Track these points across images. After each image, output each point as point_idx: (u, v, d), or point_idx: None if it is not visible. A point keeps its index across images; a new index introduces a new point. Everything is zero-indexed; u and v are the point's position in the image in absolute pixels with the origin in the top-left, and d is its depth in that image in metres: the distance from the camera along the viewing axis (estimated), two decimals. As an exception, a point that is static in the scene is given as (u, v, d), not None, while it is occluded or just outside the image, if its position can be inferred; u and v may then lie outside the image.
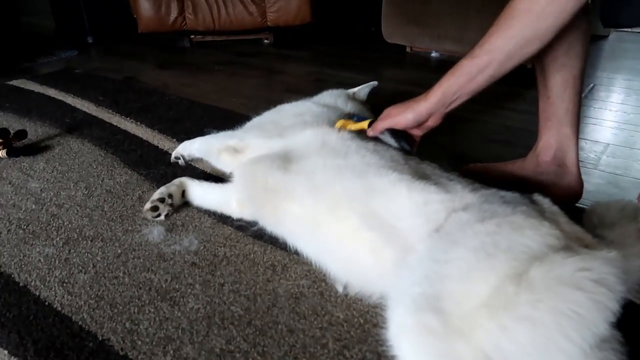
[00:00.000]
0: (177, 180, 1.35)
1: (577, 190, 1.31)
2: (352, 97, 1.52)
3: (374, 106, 1.59)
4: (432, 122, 1.12)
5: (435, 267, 0.80)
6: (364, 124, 1.16)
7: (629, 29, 3.50)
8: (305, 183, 1.03)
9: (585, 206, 1.20)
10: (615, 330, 0.74)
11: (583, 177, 1.33)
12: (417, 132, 1.15)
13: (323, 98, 1.48)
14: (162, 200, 1.27)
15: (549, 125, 1.32)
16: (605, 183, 1.49)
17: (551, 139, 1.32)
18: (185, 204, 1.34)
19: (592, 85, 2.42)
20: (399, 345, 0.76)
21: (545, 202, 0.92)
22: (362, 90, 1.57)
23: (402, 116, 1.10)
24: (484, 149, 1.70)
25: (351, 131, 1.16)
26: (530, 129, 1.43)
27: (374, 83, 1.60)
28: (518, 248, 0.76)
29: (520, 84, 2.38)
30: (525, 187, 1.32)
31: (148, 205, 1.27)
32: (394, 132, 1.13)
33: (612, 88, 2.46)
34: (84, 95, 2.20)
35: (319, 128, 1.15)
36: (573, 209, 1.25)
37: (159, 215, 1.26)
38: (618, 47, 3.24)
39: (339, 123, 1.18)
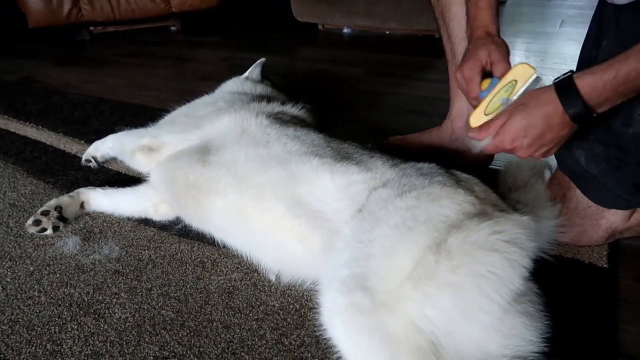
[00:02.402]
0: (75, 192, 1.26)
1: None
2: (254, 80, 1.48)
3: (292, 85, 1.58)
4: None
5: (361, 248, 0.81)
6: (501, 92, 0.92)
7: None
8: (227, 175, 1.00)
9: (499, 167, 1.26)
10: (531, 283, 0.80)
11: (494, 140, 1.39)
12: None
13: (228, 87, 1.44)
14: (45, 213, 1.18)
15: (459, 91, 1.36)
16: (514, 143, 1.58)
17: (463, 104, 1.36)
18: (101, 209, 1.26)
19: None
20: (332, 328, 0.77)
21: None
22: (253, 71, 1.52)
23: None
24: (402, 121, 1.74)
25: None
26: (443, 98, 1.47)
27: (263, 60, 1.57)
28: (437, 218, 0.79)
29: (431, 54, 2.46)
30: (442, 156, 1.38)
31: (30, 220, 1.18)
32: None
33: (514, 51, 2.57)
34: (-27, 102, 2.01)
35: (237, 113, 1.11)
36: (488, 172, 1.32)
37: (44, 229, 1.17)
38: (516, 12, 3.41)
39: (472, 119, 0.94)
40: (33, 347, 0.88)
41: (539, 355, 0.75)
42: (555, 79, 0.83)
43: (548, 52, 2.53)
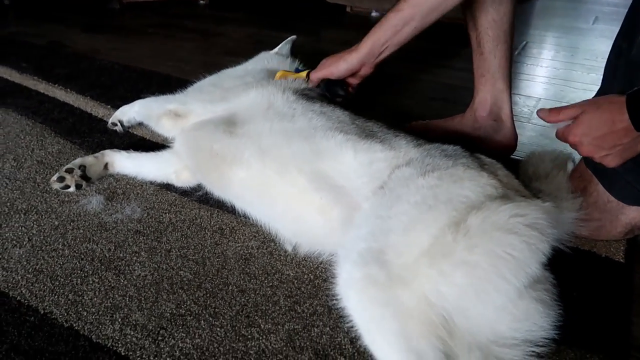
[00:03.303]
0: (100, 153, 1.28)
1: (512, 143, 1.37)
2: (283, 57, 1.49)
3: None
4: (364, 71, 1.22)
5: (380, 223, 0.82)
6: (302, 74, 1.23)
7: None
8: (252, 147, 1.01)
9: (520, 158, 1.25)
10: (547, 273, 0.80)
11: (518, 130, 1.39)
12: (353, 81, 1.26)
13: (257, 61, 1.45)
14: (70, 171, 1.21)
15: (483, 81, 1.36)
16: (538, 135, 1.57)
17: (487, 94, 1.36)
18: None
19: (524, 42, 2.51)
20: (346, 298, 0.78)
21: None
22: (283, 47, 1.53)
23: (335, 66, 1.20)
24: (425, 107, 1.74)
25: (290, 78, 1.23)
26: (468, 87, 1.46)
27: (293, 37, 1.58)
28: (457, 199, 0.79)
29: (457, 42, 2.43)
30: (464, 142, 1.37)
31: (54, 176, 1.21)
32: (330, 82, 1.22)
33: (543, 45, 2.56)
34: (4, 62, 2.04)
35: (264, 88, 1.12)
36: (509, 161, 1.32)
37: (67, 186, 1.20)
38: (549, 6, 3.35)
39: (279, 74, 1.22)
40: (56, 296, 0.91)
41: (549, 342, 0.76)
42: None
43: (579, 48, 2.49)
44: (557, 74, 2.13)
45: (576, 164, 1.11)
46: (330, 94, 1.22)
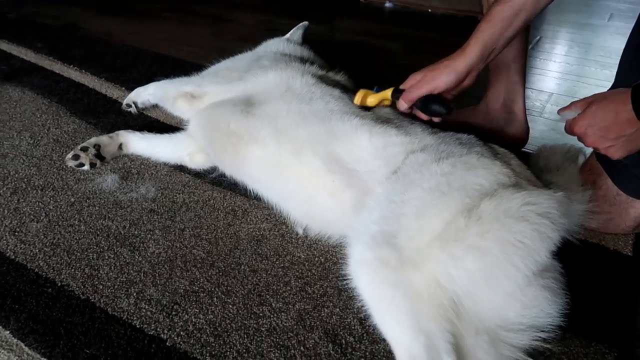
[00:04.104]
0: (115, 133, 1.30)
1: (524, 136, 1.38)
2: (295, 42, 1.50)
3: (329, 56, 1.58)
4: (468, 81, 1.04)
5: (392, 207, 0.83)
6: (386, 93, 1.06)
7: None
8: (268, 127, 1.02)
9: (531, 151, 1.26)
10: (556, 262, 0.81)
11: (530, 124, 1.40)
12: (448, 96, 1.07)
13: (270, 46, 1.45)
14: (84, 149, 1.23)
15: (497, 73, 1.36)
16: (549, 130, 1.57)
17: (500, 86, 1.36)
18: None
19: (538, 37, 2.50)
20: (357, 278, 0.80)
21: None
22: (294, 33, 1.53)
23: (441, 79, 1.01)
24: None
25: (372, 106, 1.07)
26: (480, 80, 1.45)
27: (305, 24, 1.57)
28: (471, 186, 0.80)
29: (469, 34, 2.43)
30: (476, 134, 1.38)
31: (70, 154, 1.23)
32: (427, 99, 1.03)
33: (556, 41, 2.55)
34: (20, 42, 2.06)
35: (283, 71, 1.13)
36: (520, 154, 1.32)
37: (82, 164, 1.22)
38: (563, 2, 3.32)
39: (359, 94, 1.05)
40: (72, 270, 0.94)
41: (556, 328, 0.77)
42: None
43: (592, 45, 2.47)
44: (571, 69, 2.12)
45: (587, 157, 1.12)
46: (429, 113, 1.04)
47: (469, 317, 0.73)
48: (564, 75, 2.05)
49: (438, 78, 1.01)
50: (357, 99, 1.05)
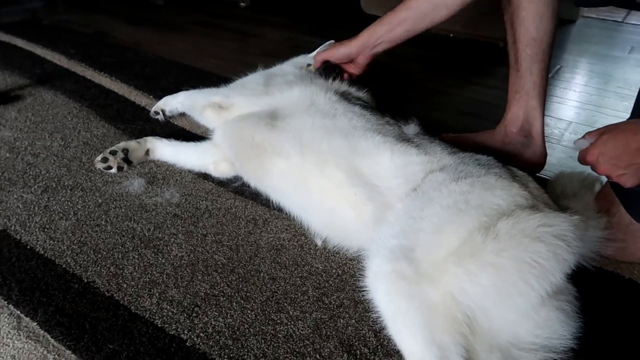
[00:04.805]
0: (142, 139, 1.35)
1: (541, 160, 1.39)
2: None
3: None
4: (361, 60, 1.37)
5: (411, 223, 0.86)
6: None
7: (596, 15, 3.63)
8: (292, 140, 1.06)
9: (548, 177, 1.28)
10: (570, 286, 0.82)
11: (547, 150, 1.41)
12: (352, 70, 1.40)
13: (296, 63, 1.50)
14: (113, 153, 1.28)
15: (517, 97, 1.39)
16: (567, 157, 1.59)
17: (519, 110, 1.39)
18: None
19: (558, 66, 2.52)
20: (375, 290, 0.82)
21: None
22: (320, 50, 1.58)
23: (336, 50, 1.36)
24: (456, 121, 1.77)
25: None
26: (499, 104, 1.49)
27: (331, 42, 1.62)
28: (488, 205, 0.83)
29: (491, 61, 2.46)
30: (494, 156, 1.40)
31: (99, 157, 1.28)
32: (328, 66, 1.37)
33: (576, 70, 2.57)
34: (54, 47, 2.13)
35: (308, 87, 1.17)
36: (536, 179, 1.34)
37: (110, 167, 1.27)
38: (584, 32, 3.35)
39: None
40: (98, 267, 0.97)
41: (568, 351, 0.78)
42: None
43: (612, 76, 2.49)
44: (590, 99, 2.14)
45: (603, 185, 1.13)
46: (324, 75, 1.33)
47: (483, 332, 0.75)
48: (583, 104, 2.07)
49: (335, 49, 1.38)
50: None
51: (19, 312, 0.86)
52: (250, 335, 0.85)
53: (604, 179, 1.11)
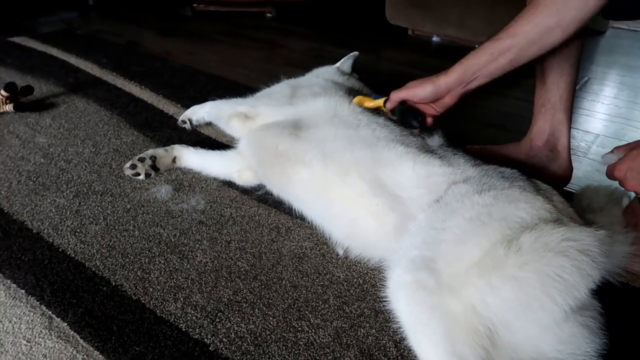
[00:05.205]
0: (170, 147, 1.38)
1: (567, 174, 1.38)
2: (344, 72, 1.56)
3: (374, 84, 1.64)
4: (448, 100, 1.14)
5: (433, 234, 0.86)
6: (380, 102, 1.17)
7: (626, 27, 3.57)
8: (315, 149, 1.08)
9: (574, 191, 1.26)
10: (595, 301, 0.81)
11: (574, 164, 1.40)
12: (432, 112, 1.17)
13: (321, 73, 1.52)
14: (142, 160, 1.32)
15: (543, 111, 1.38)
16: (594, 171, 1.57)
17: (545, 124, 1.38)
18: (191, 166, 1.38)
19: (586, 78, 2.49)
20: (396, 300, 0.82)
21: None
22: (344, 62, 1.59)
23: (421, 88, 1.12)
24: (481, 132, 1.76)
25: (367, 108, 1.19)
26: (525, 116, 1.48)
27: (355, 53, 1.63)
28: (512, 218, 0.82)
29: (518, 72, 2.44)
30: (519, 169, 1.39)
31: (128, 163, 1.32)
32: (405, 110, 1.14)
33: (605, 82, 2.53)
34: (87, 57, 2.21)
35: (331, 98, 1.19)
36: (562, 193, 1.33)
37: (138, 174, 1.31)
38: (613, 44, 3.30)
39: (357, 99, 1.19)
40: (125, 271, 1.00)
41: (592, 368, 0.77)
42: None
43: (642, 88, 2.44)
44: (619, 112, 2.10)
45: (631, 200, 1.12)
46: (403, 123, 1.14)
47: (504, 346, 0.75)
48: (611, 117, 2.04)
49: (418, 87, 1.12)
50: (356, 100, 1.19)
51: (50, 312, 0.90)
52: (272, 341, 0.87)
53: (633, 193, 1.09)
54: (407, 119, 1.13)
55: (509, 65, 1.07)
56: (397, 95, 1.14)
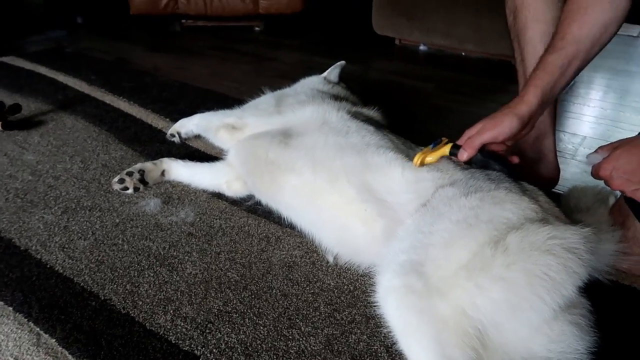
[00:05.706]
0: (158, 160, 1.38)
1: (555, 176, 1.39)
2: (331, 81, 1.57)
3: (364, 93, 1.65)
4: (528, 129, 1.03)
5: (421, 238, 0.86)
6: (444, 150, 1.00)
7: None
8: (305, 157, 1.08)
9: (561, 192, 1.27)
10: (584, 299, 0.82)
11: (561, 166, 1.41)
12: (502, 148, 1.03)
13: (308, 83, 1.52)
14: (130, 174, 1.31)
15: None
16: (581, 172, 1.58)
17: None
18: (181, 179, 1.38)
19: (572, 82, 2.52)
20: (385, 305, 0.82)
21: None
22: (332, 72, 1.60)
23: (505, 125, 0.98)
24: (468, 138, 1.77)
25: (430, 162, 1.00)
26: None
27: (342, 63, 1.64)
28: (498, 219, 0.83)
29: (503, 77, 2.47)
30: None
31: (116, 178, 1.31)
32: (488, 155, 0.98)
33: (592, 85, 2.56)
34: (76, 74, 2.21)
35: (320, 106, 1.20)
36: (550, 195, 1.33)
37: (127, 188, 1.30)
38: (599, 48, 3.34)
39: (418, 156, 0.99)
40: (115, 285, 0.99)
41: (583, 367, 0.77)
42: None
43: (629, 91, 2.47)
44: (605, 114, 2.13)
45: (617, 199, 1.12)
46: (486, 169, 0.97)
47: (495, 347, 0.75)
48: (598, 119, 2.06)
49: (501, 124, 0.98)
50: (416, 160, 0.99)
51: (38, 329, 0.89)
52: (263, 351, 0.86)
53: (619, 192, 1.10)
54: (493, 166, 0.97)
55: (577, 72, 1.03)
56: (476, 142, 0.98)
